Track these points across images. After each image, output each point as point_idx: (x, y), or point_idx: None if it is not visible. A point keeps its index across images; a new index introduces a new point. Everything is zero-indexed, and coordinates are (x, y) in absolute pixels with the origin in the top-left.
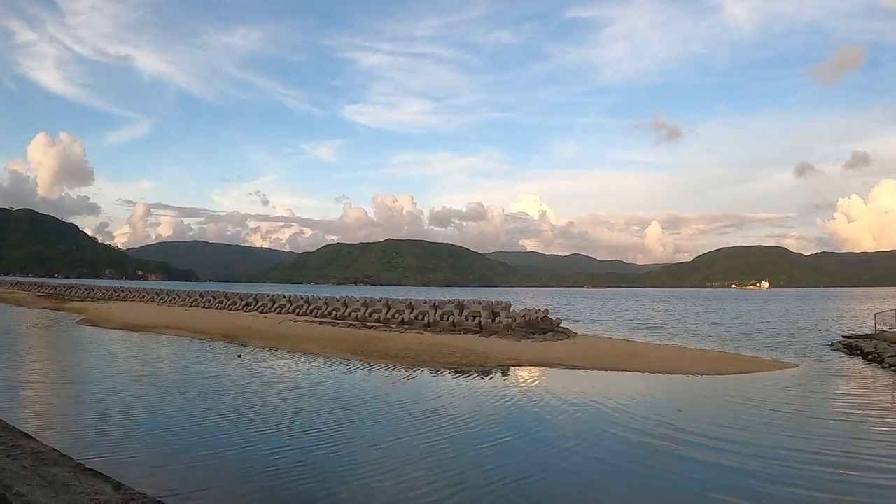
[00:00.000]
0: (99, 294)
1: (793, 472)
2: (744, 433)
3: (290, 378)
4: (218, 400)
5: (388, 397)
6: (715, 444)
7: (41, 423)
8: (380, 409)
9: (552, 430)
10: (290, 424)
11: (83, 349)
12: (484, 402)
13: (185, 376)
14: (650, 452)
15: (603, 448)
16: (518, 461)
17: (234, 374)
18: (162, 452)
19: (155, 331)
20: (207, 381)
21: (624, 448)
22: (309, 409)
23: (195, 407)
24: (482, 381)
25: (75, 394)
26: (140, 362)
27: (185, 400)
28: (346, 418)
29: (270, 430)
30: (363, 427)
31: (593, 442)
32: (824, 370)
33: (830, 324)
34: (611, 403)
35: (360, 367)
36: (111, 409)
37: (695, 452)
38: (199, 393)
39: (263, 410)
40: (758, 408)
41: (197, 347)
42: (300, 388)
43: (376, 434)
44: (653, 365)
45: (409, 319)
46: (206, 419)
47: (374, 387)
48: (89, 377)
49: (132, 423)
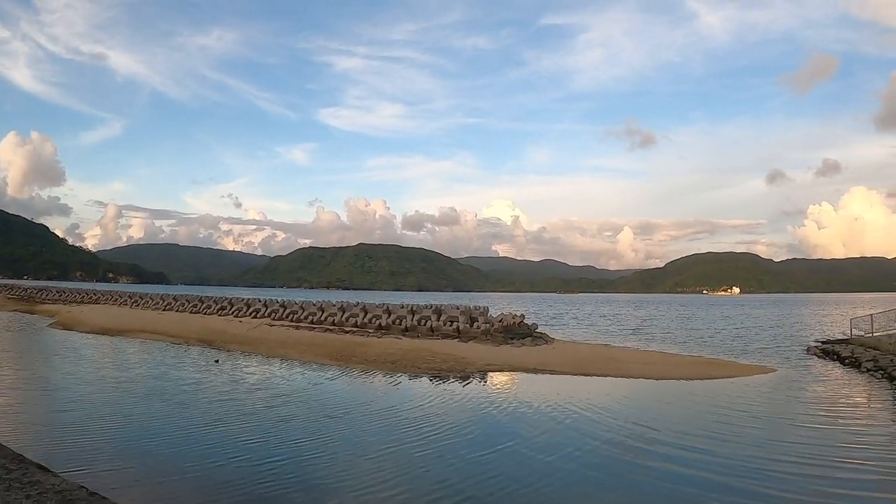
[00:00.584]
0: (70, 296)
1: (773, 476)
2: (734, 443)
3: (273, 384)
4: (201, 408)
5: (375, 404)
6: (705, 456)
7: (19, 435)
8: (368, 416)
9: (548, 437)
10: (278, 434)
11: (58, 354)
12: (474, 409)
13: (165, 383)
14: (634, 459)
15: (588, 452)
16: (516, 467)
17: (216, 380)
18: (145, 465)
19: (129, 335)
20: (189, 388)
21: (602, 451)
22: (296, 417)
23: (178, 416)
24: (466, 386)
25: (52, 402)
26: (118, 368)
27: (168, 408)
28: (335, 427)
29: (258, 440)
30: (354, 436)
31: (584, 449)
32: (803, 375)
33: (804, 329)
34: (595, 409)
35: (342, 373)
36: (91, 419)
37: (684, 461)
38: (182, 400)
39: (249, 419)
40: (742, 413)
41: (174, 352)
42: (285, 395)
43: (368, 443)
44: (634, 370)
45: (386, 324)
46: (191, 429)
47: (360, 393)
48: (66, 384)
49: (113, 433)
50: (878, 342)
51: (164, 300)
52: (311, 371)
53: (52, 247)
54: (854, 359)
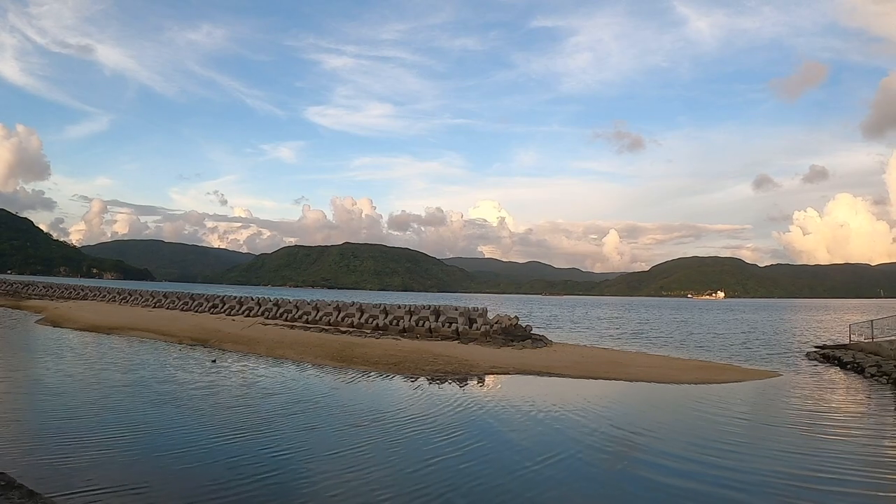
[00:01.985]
0: (57, 292)
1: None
2: (756, 456)
3: (288, 388)
4: (219, 415)
5: (398, 411)
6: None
7: (8, 450)
8: (396, 425)
9: (601, 452)
10: (305, 445)
11: (51, 353)
12: (502, 415)
13: (175, 386)
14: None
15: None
16: (576, 476)
17: (227, 383)
18: (163, 485)
19: (120, 332)
20: (200, 392)
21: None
22: (320, 426)
23: (195, 423)
24: (481, 391)
25: (51, 408)
26: (119, 369)
27: (183, 415)
28: (363, 437)
29: (285, 452)
30: (387, 448)
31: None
32: (809, 380)
33: (799, 334)
34: (613, 414)
35: (352, 375)
36: (96, 428)
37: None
38: (196, 406)
39: (271, 427)
40: (755, 422)
41: (174, 352)
42: (303, 401)
43: (404, 456)
44: (640, 374)
45: (383, 325)
46: (210, 439)
47: (379, 399)
48: (65, 387)
49: (123, 445)
50: (879, 347)
51: (154, 297)
52: (322, 374)
53: (36, 241)
54: (856, 364)
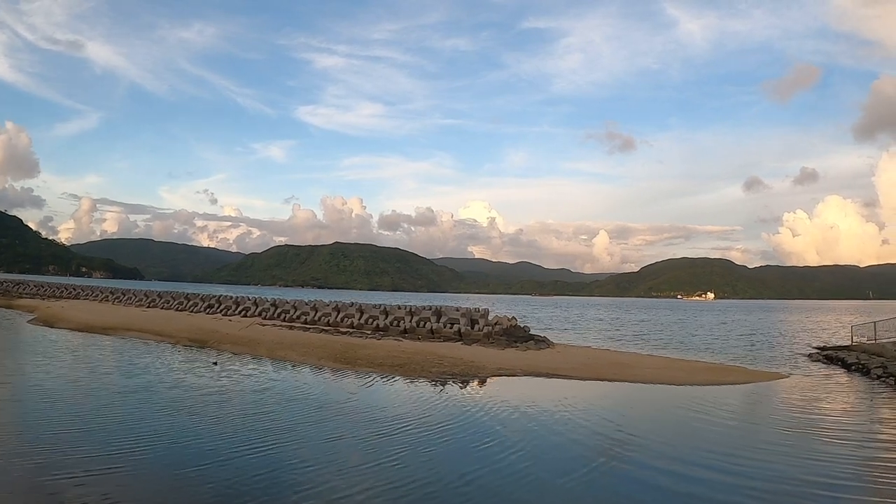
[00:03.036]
0: (49, 291)
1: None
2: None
3: (304, 393)
4: (238, 423)
5: (419, 416)
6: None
7: (28, 466)
8: (424, 432)
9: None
10: (333, 457)
11: (49, 355)
12: (530, 422)
13: (185, 392)
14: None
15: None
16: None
17: (239, 388)
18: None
19: (115, 333)
20: (214, 398)
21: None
22: (344, 435)
23: (215, 434)
24: (496, 393)
25: (61, 417)
26: (123, 373)
27: (200, 424)
28: (393, 447)
29: (315, 467)
30: (421, 459)
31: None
32: (817, 381)
33: (798, 335)
34: (632, 421)
35: (368, 379)
36: (105, 439)
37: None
38: (213, 414)
39: (294, 437)
40: (777, 421)
41: (174, 354)
42: (323, 407)
43: (443, 471)
44: (648, 375)
45: (384, 326)
46: (233, 450)
47: (395, 403)
48: (70, 393)
49: (137, 460)
50: (883, 349)
51: (148, 297)
52: (335, 377)
53: (25, 239)
54: (861, 365)
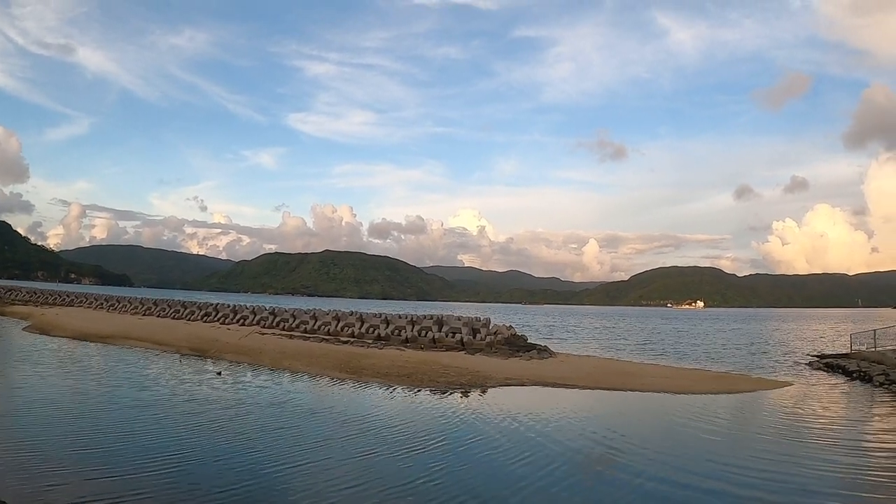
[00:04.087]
0: (42, 298)
1: None
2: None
3: (325, 406)
4: (265, 439)
5: (444, 430)
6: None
7: (51, 490)
8: (454, 446)
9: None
10: (370, 476)
11: (50, 365)
12: (552, 434)
13: (201, 406)
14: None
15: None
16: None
17: (257, 400)
18: None
19: (113, 342)
20: (233, 413)
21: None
22: (376, 451)
23: (244, 451)
24: (514, 404)
25: (78, 434)
26: (133, 385)
27: (226, 440)
28: (428, 464)
29: (354, 487)
30: (462, 478)
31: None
32: (822, 389)
33: (797, 344)
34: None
35: (380, 389)
36: (138, 458)
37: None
38: (236, 430)
39: (326, 453)
40: (792, 430)
41: (177, 364)
42: (350, 422)
43: (487, 493)
44: (656, 384)
45: (385, 335)
46: (269, 471)
47: (416, 416)
48: (82, 408)
49: (175, 481)
50: (883, 356)
51: (144, 305)
52: (350, 388)
53: (14, 245)
54: (863, 372)
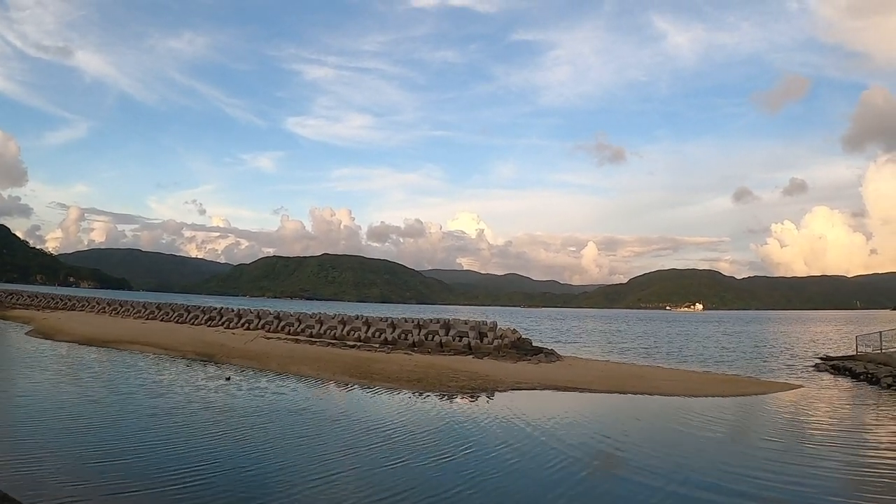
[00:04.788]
0: (43, 302)
1: None
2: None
3: (342, 412)
4: (289, 448)
5: (473, 438)
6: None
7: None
8: (487, 454)
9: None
10: (405, 485)
11: (56, 371)
12: (583, 439)
13: (219, 414)
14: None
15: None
16: None
17: (276, 407)
18: None
19: (118, 346)
20: (252, 420)
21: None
22: (406, 460)
23: (271, 461)
24: (528, 407)
25: (98, 444)
26: (147, 392)
27: (251, 450)
28: (462, 473)
29: (388, 497)
30: (497, 487)
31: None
32: (833, 391)
33: (802, 346)
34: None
35: (393, 394)
36: (167, 470)
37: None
38: (260, 438)
39: (356, 461)
40: (808, 433)
41: (187, 369)
42: (373, 430)
43: (534, 496)
44: (667, 387)
45: (392, 339)
46: (301, 484)
47: (439, 422)
48: (99, 416)
49: (209, 492)
50: (890, 358)
51: (147, 309)
52: (364, 394)
53: (12, 248)
54: (870, 374)
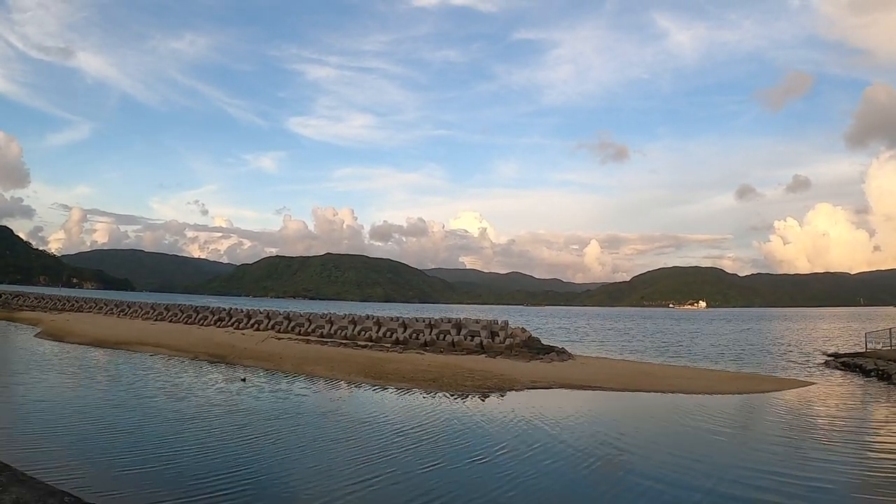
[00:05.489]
0: (50, 304)
1: None
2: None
3: (371, 414)
4: (329, 452)
5: (501, 438)
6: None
7: None
8: (520, 457)
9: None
10: (444, 490)
11: (72, 374)
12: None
13: (247, 416)
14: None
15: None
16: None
17: (303, 410)
18: None
19: (130, 348)
20: (282, 423)
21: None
22: (441, 463)
23: (308, 467)
24: (549, 407)
25: (131, 448)
26: (168, 394)
27: (287, 453)
28: (497, 473)
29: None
30: (541, 486)
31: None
32: (846, 388)
33: (808, 343)
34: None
35: (415, 394)
36: (207, 478)
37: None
38: (291, 443)
39: (395, 465)
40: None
41: (202, 371)
42: (403, 433)
43: (577, 499)
44: (682, 385)
45: (403, 339)
46: (341, 489)
47: (463, 422)
48: (125, 420)
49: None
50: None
51: (155, 310)
52: (389, 394)
53: (15, 250)
54: (881, 371)
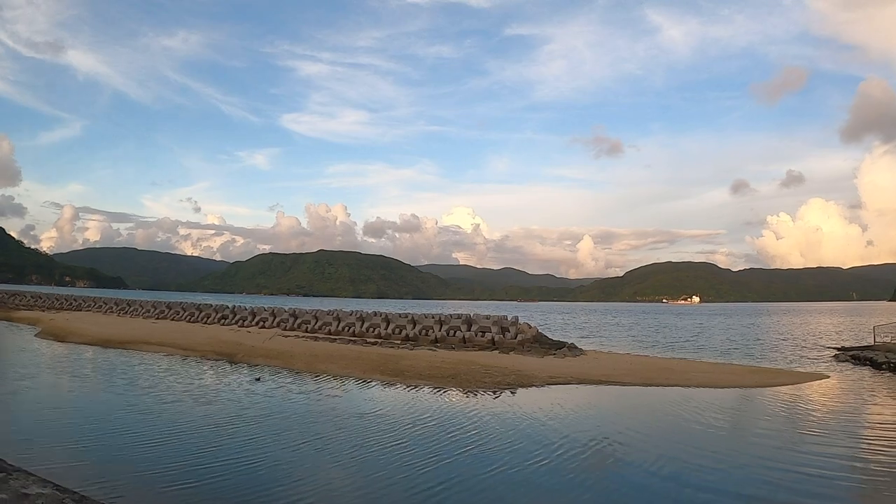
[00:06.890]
0: (48, 303)
1: None
2: None
3: (408, 415)
4: (376, 456)
5: (552, 438)
6: None
7: None
8: (577, 455)
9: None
10: (500, 495)
11: (86, 377)
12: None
13: (283, 421)
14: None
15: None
16: None
17: (337, 412)
18: None
19: (135, 347)
20: (321, 428)
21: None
22: (505, 467)
23: (366, 475)
24: (577, 403)
25: (169, 458)
26: (192, 398)
27: (335, 459)
28: (558, 475)
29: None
30: (615, 487)
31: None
32: (860, 381)
33: (814, 336)
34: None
35: (451, 392)
36: (263, 493)
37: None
38: (335, 449)
39: (455, 470)
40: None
41: (222, 372)
42: (452, 431)
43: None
44: (699, 379)
45: (413, 335)
46: (407, 499)
47: (503, 422)
48: (152, 428)
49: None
50: None
51: (156, 308)
52: (424, 395)
53: (7, 248)
54: (892, 364)
